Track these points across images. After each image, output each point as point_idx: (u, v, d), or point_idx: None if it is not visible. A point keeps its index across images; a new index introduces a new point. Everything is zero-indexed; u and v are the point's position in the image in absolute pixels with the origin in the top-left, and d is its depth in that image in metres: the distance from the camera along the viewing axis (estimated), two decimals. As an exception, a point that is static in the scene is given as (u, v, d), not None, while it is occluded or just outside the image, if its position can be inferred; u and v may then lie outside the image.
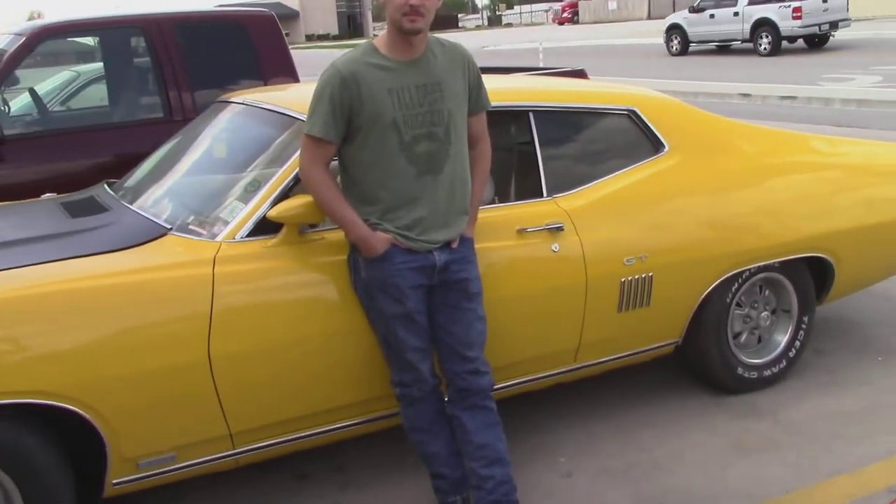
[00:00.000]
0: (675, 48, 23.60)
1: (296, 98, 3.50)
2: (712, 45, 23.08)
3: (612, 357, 3.57)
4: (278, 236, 2.88)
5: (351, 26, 77.08)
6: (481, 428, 2.89)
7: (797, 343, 3.96)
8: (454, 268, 2.84)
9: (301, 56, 8.87)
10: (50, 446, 2.60)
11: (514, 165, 3.71)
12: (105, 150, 4.99)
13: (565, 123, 3.60)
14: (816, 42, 21.21)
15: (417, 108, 2.72)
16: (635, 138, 3.65)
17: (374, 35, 2.90)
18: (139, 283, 2.69)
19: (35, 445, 2.55)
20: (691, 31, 22.64)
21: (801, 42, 20.36)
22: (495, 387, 2.98)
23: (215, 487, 3.26)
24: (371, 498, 3.20)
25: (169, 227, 2.99)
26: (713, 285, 3.58)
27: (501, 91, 3.49)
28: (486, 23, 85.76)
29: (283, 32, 5.70)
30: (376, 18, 71.02)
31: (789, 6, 19.89)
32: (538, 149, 3.41)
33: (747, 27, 20.99)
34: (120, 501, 2.94)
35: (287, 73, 5.49)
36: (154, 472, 2.77)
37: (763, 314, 3.89)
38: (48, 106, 6.04)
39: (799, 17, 19.85)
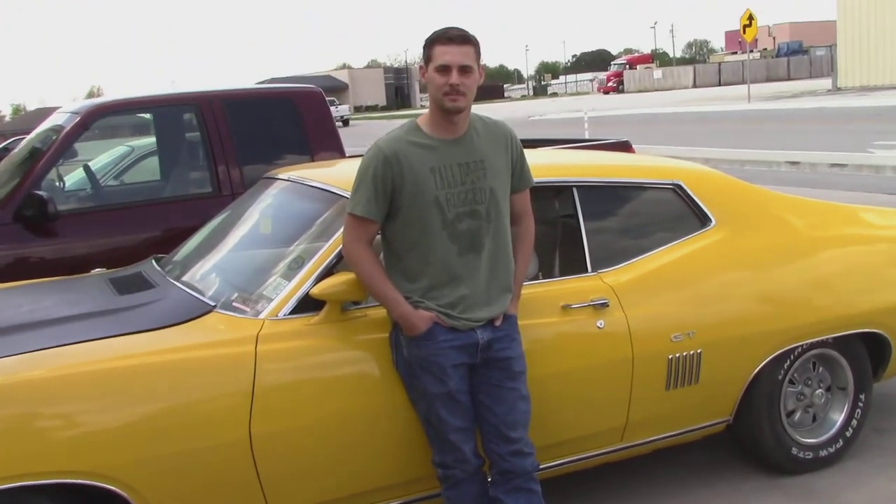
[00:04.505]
0: None
1: (340, 175, 3.53)
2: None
3: (660, 436, 3.47)
4: (321, 314, 2.88)
5: (398, 97, 78.58)
6: (525, 511, 2.81)
7: (854, 422, 3.82)
8: (497, 346, 2.81)
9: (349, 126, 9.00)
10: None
11: (558, 240, 3.68)
12: (155, 225, 5.08)
13: (609, 198, 3.57)
14: None
15: (459, 186, 2.72)
16: (681, 212, 3.61)
17: (422, 106, 2.91)
18: (182, 362, 2.70)
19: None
20: None
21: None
22: (540, 467, 2.91)
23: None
24: (413, 581, 3.12)
25: (213, 304, 3.01)
26: (764, 362, 3.49)
27: (545, 166, 3.49)
28: (531, 93, 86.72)
29: (333, 103, 5.79)
30: (423, 90, 72.31)
31: None
32: (582, 224, 3.39)
33: None
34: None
35: (333, 147, 5.57)
36: (193, 553, 2.73)
37: (817, 392, 3.76)
38: (101, 181, 6.19)
39: None
